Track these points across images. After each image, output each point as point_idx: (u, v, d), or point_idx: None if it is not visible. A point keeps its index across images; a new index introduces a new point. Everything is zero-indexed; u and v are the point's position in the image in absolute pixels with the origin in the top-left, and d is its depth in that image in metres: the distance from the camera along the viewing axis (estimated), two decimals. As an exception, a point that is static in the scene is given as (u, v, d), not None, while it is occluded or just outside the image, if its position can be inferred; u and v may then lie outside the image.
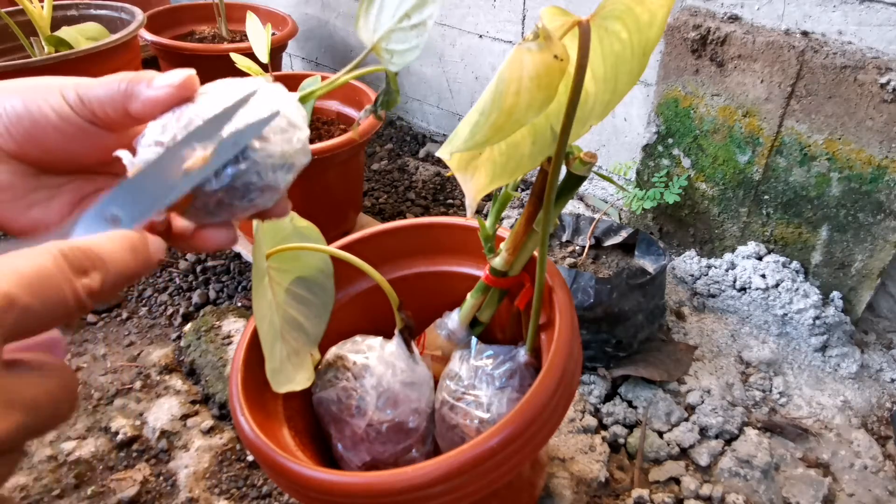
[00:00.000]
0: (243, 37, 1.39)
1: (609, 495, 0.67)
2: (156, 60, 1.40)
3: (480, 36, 1.18)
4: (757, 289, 0.86)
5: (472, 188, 0.41)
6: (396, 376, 0.51)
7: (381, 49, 0.37)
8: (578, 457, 0.70)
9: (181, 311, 0.94)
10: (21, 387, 0.22)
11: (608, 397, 0.78)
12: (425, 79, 1.33)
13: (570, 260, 0.86)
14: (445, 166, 1.28)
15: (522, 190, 1.20)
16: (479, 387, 0.50)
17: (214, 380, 0.80)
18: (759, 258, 0.89)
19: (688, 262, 0.95)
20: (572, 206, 1.15)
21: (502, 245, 0.50)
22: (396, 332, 0.53)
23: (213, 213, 0.31)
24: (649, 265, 0.84)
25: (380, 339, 0.54)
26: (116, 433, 0.75)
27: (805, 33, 0.79)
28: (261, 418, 0.45)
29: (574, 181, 0.44)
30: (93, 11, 1.24)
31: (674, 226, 0.99)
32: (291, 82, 1.08)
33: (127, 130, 0.32)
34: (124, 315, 0.94)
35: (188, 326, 0.90)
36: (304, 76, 1.08)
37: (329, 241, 0.53)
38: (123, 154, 0.30)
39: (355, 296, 0.60)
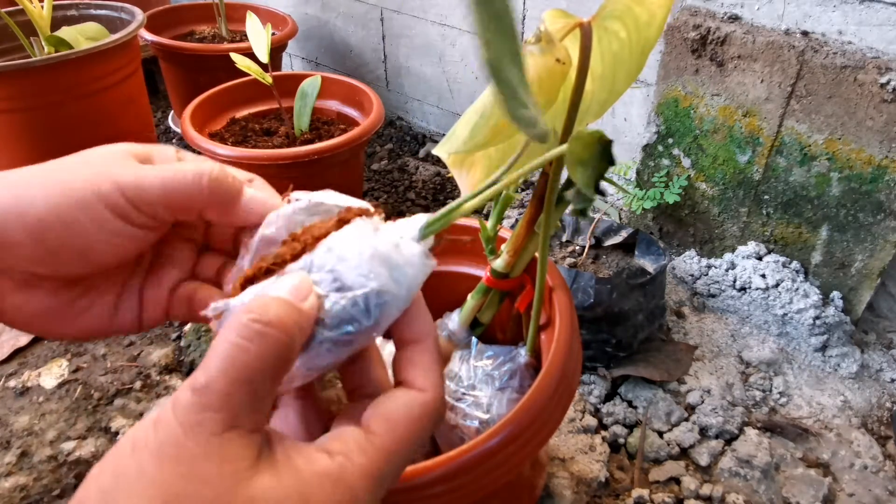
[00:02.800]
0: (243, 37, 1.39)
1: (609, 495, 0.67)
2: (156, 60, 1.40)
3: (480, 36, 1.17)
4: (757, 289, 0.86)
5: (468, 184, 0.41)
6: (397, 377, 0.51)
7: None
8: (578, 457, 0.70)
9: (181, 311, 0.94)
10: None
11: (608, 397, 0.78)
12: (425, 79, 1.33)
13: (570, 260, 0.86)
14: (446, 166, 1.28)
15: (523, 190, 1.20)
16: (480, 387, 0.50)
17: (215, 380, 0.80)
18: (759, 258, 0.90)
19: (688, 262, 0.95)
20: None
21: (503, 247, 0.50)
22: (396, 332, 0.53)
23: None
24: (649, 265, 0.84)
25: (379, 339, 0.54)
26: (116, 433, 0.75)
27: (805, 33, 0.79)
28: (261, 419, 0.45)
29: (574, 182, 0.44)
30: (93, 11, 1.24)
31: (674, 226, 1.00)
32: (291, 82, 1.08)
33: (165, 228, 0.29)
34: (124, 315, 0.94)
35: (188, 326, 0.90)
36: (305, 76, 1.08)
37: (329, 242, 0.53)
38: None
39: (355, 296, 0.60)
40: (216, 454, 0.20)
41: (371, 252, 0.24)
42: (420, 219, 0.27)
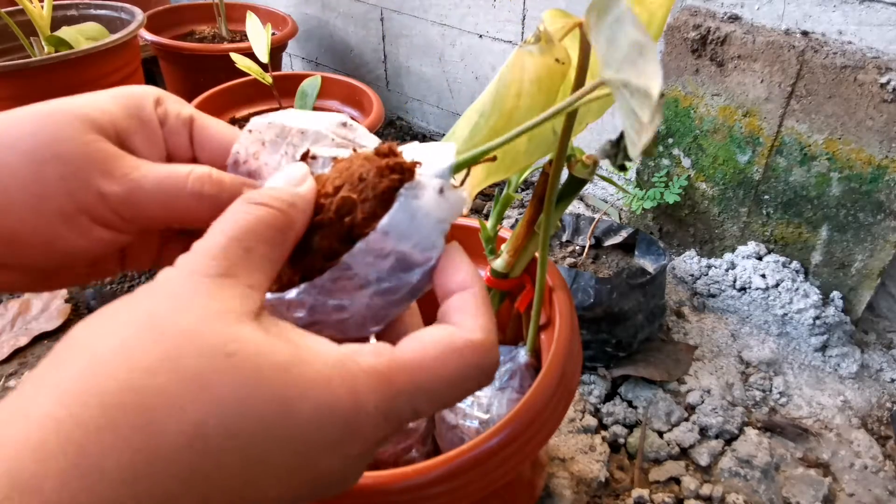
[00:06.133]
0: (243, 37, 1.39)
1: (609, 495, 0.67)
2: (156, 60, 1.40)
3: (480, 36, 1.18)
4: (757, 289, 0.86)
5: (468, 184, 0.41)
6: (397, 377, 0.51)
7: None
8: (578, 457, 0.70)
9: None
10: None
11: (608, 397, 0.78)
12: (425, 79, 1.33)
13: (570, 260, 0.86)
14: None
15: (523, 190, 1.20)
16: (480, 387, 0.50)
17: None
18: (759, 258, 0.90)
19: (688, 262, 0.95)
20: (572, 206, 1.16)
21: (503, 247, 0.50)
22: (397, 332, 0.53)
23: None
24: (649, 265, 0.84)
25: None
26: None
27: (805, 33, 0.79)
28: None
29: (576, 184, 0.44)
30: (93, 11, 1.24)
31: (674, 226, 0.99)
32: (291, 82, 1.08)
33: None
34: (124, 315, 0.94)
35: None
36: (305, 76, 1.08)
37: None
38: None
39: (355, 296, 0.60)
40: (206, 292, 0.19)
41: (433, 224, 0.23)
42: (446, 153, 0.25)
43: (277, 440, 0.18)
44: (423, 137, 1.40)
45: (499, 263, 0.50)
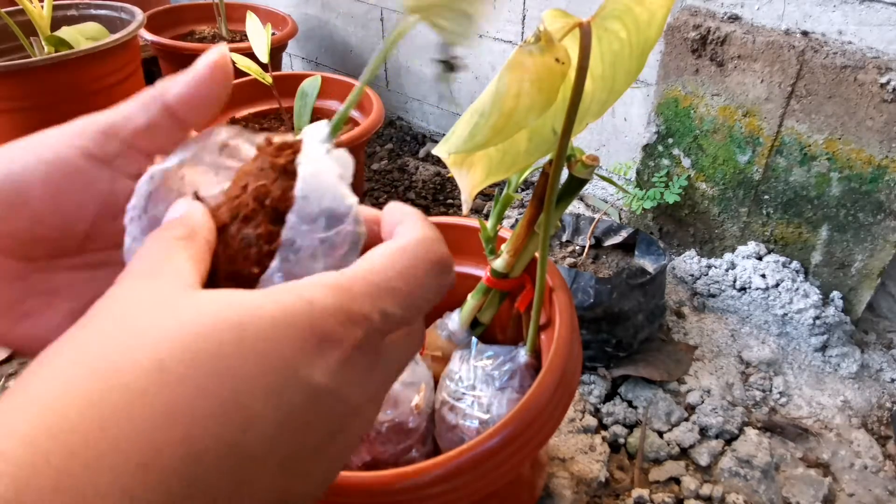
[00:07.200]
0: (243, 37, 1.39)
1: (609, 495, 0.67)
2: (156, 60, 1.40)
3: (480, 36, 1.18)
4: (757, 289, 0.86)
5: (468, 184, 0.41)
6: (396, 376, 0.51)
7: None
8: (578, 457, 0.70)
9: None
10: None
11: (608, 397, 0.78)
12: (425, 79, 1.33)
13: (570, 260, 0.86)
14: (446, 166, 1.28)
15: (523, 190, 1.20)
16: (480, 387, 0.50)
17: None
18: (759, 258, 0.90)
19: (688, 262, 0.95)
20: (572, 206, 1.15)
21: (503, 247, 0.50)
22: (397, 332, 0.53)
23: None
24: (649, 265, 0.84)
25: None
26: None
27: (805, 33, 0.79)
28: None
29: (576, 184, 0.44)
30: (93, 11, 1.24)
31: (674, 226, 0.99)
32: (291, 82, 1.08)
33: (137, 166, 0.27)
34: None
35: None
36: (305, 76, 1.08)
37: (329, 242, 0.53)
38: None
39: (355, 296, 0.60)
40: (140, 289, 0.20)
41: (336, 179, 0.25)
42: (320, 127, 0.27)
43: (240, 357, 0.17)
44: (423, 137, 1.40)
45: (499, 263, 0.50)
